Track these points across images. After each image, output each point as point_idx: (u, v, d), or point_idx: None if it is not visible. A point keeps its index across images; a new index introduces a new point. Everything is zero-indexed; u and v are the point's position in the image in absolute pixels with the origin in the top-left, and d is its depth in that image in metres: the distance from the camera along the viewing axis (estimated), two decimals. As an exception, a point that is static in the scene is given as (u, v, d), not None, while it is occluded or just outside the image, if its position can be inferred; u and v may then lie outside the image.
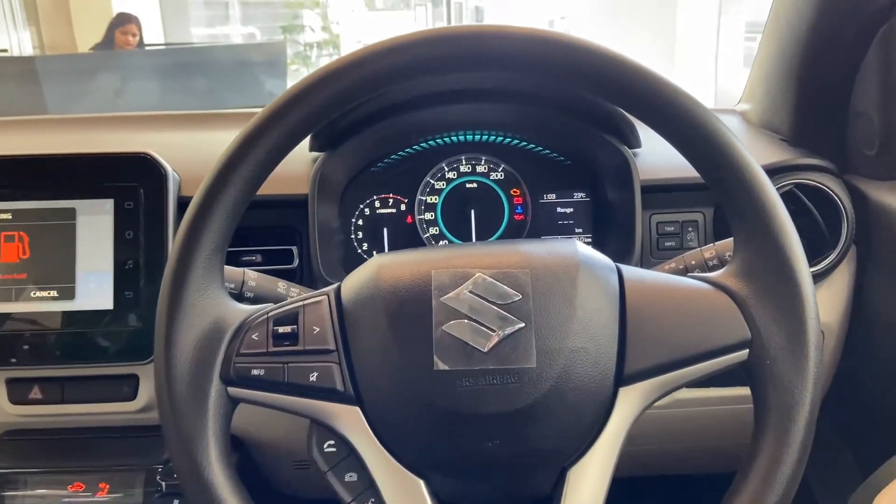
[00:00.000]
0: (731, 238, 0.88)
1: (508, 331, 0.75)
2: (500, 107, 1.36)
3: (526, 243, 0.86)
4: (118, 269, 1.17)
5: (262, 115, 0.75)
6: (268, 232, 1.35)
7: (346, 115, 1.28)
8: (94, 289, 1.19)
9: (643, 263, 1.32)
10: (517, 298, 0.76)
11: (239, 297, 1.00)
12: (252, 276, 1.02)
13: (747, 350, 0.76)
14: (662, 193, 1.36)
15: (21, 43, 7.58)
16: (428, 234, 1.49)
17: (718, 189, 0.80)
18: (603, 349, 0.75)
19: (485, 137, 1.47)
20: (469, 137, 1.47)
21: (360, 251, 1.47)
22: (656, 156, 1.40)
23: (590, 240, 1.50)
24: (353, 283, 0.82)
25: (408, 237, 1.47)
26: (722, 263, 1.01)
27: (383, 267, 0.81)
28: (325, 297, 0.81)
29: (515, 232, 1.48)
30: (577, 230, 1.52)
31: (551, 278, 0.77)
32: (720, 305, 0.77)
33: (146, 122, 1.86)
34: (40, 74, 4.77)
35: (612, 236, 1.43)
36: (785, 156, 1.34)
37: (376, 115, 1.32)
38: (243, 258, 1.35)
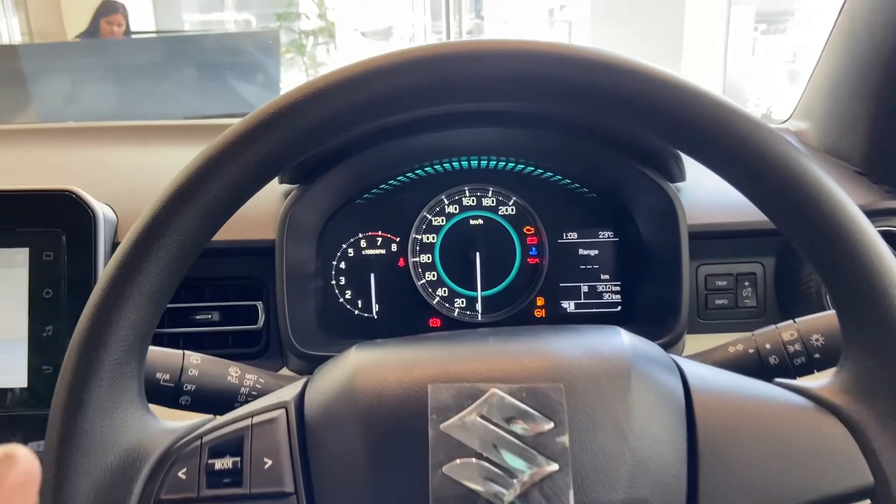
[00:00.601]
0: (819, 315, 0.78)
1: (536, 476, 0.56)
2: (513, 131, 1.20)
3: (555, 336, 0.69)
4: (34, 337, 0.97)
5: (214, 149, 0.60)
6: (228, 284, 1.19)
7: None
8: (4, 361, 0.98)
9: (689, 327, 1.15)
10: (548, 427, 0.58)
11: (176, 391, 0.83)
12: (194, 362, 0.83)
13: (868, 502, 0.58)
14: (712, 240, 1.17)
15: (10, 29, 7.29)
16: (423, 281, 1.35)
17: (814, 257, 0.61)
18: (667, 498, 0.58)
19: (492, 164, 1.31)
20: (474, 164, 1.31)
21: (341, 300, 1.33)
22: (702, 191, 1.22)
23: (618, 287, 1.36)
24: (322, 390, 0.65)
25: (400, 284, 1.34)
26: (808, 353, 0.83)
27: (362, 370, 0.64)
28: (282, 411, 0.63)
29: (529, 278, 1.35)
30: (602, 276, 1.36)
31: (594, 395, 0.60)
32: (828, 435, 0.60)
33: (93, 134, 1.60)
34: (21, 63, 4.42)
35: (648, 287, 1.28)
36: (868, 195, 1.07)
37: (361, 140, 1.16)
38: (196, 315, 1.19)
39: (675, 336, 1.11)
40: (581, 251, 1.34)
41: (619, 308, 1.32)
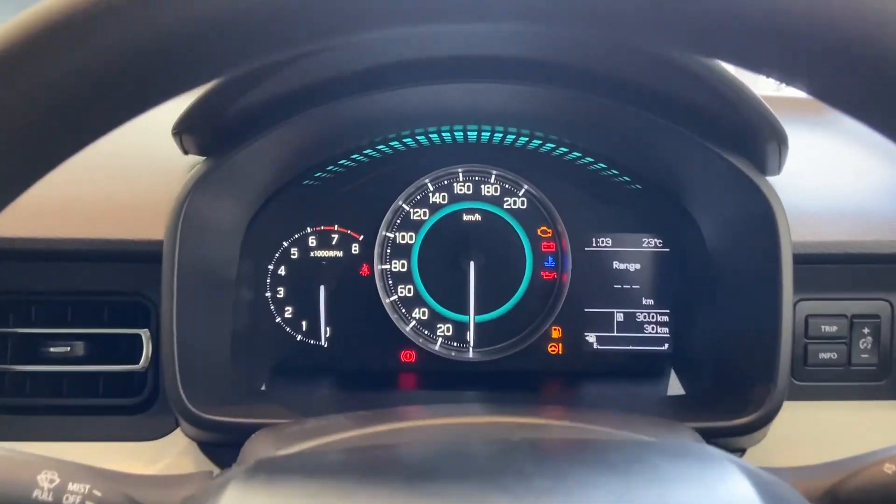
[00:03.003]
0: None
1: None
2: (528, 89, 0.90)
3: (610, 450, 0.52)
4: None
5: None
6: (100, 302, 0.94)
7: (245, 91, 0.84)
8: None
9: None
10: None
11: None
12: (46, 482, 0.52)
13: None
14: (818, 265, 0.91)
15: None
16: (395, 297, 1.12)
17: None
18: None
19: (497, 137, 1.07)
20: (471, 136, 1.07)
21: (278, 320, 1.10)
22: (802, 194, 0.95)
23: (666, 317, 1.09)
24: None
25: (361, 300, 1.11)
26: None
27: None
28: None
29: (542, 299, 1.11)
30: (644, 301, 1.09)
31: None
32: None
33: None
34: None
35: (714, 322, 0.99)
36: None
37: (308, 92, 0.88)
38: (51, 347, 0.91)
39: (765, 413, 0.82)
40: (616, 264, 1.09)
41: (667, 347, 1.09)
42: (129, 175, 0.96)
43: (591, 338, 1.08)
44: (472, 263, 1.07)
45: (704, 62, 0.76)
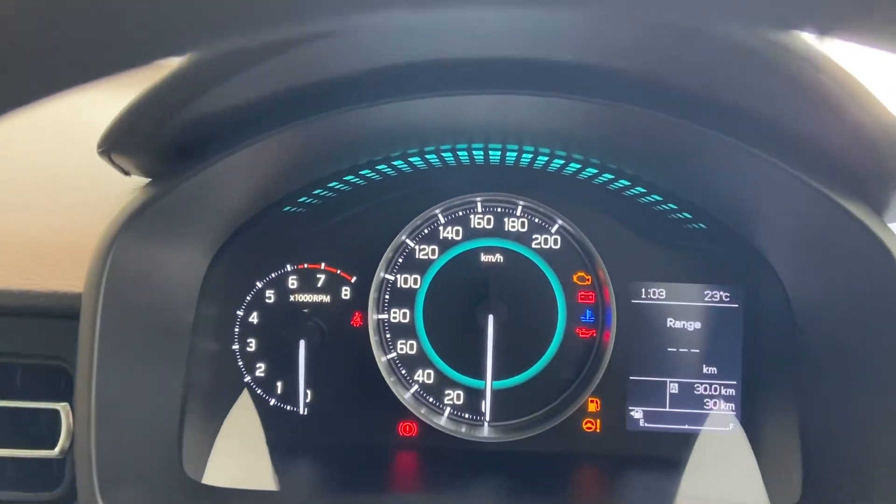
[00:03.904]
0: None
1: None
2: (566, 102, 0.72)
3: None
4: None
5: None
6: (10, 366, 0.76)
7: (208, 92, 0.64)
8: None
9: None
10: None
11: None
12: None
13: None
14: None
15: None
16: (392, 356, 0.96)
17: None
18: None
19: (525, 159, 0.91)
20: (493, 157, 0.91)
21: (247, 380, 0.93)
22: None
23: (732, 391, 0.90)
24: None
25: (351, 357, 0.95)
26: None
27: None
28: None
29: (577, 362, 0.94)
30: (705, 370, 0.91)
31: None
32: None
33: None
34: None
35: (797, 403, 0.81)
36: None
37: (292, 99, 0.70)
38: None
39: None
40: (671, 322, 0.92)
41: (732, 428, 0.90)
42: (61, 208, 0.80)
43: (636, 413, 0.91)
44: (490, 316, 0.89)
45: (837, 77, 0.56)
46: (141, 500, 0.66)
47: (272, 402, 0.90)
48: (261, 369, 0.91)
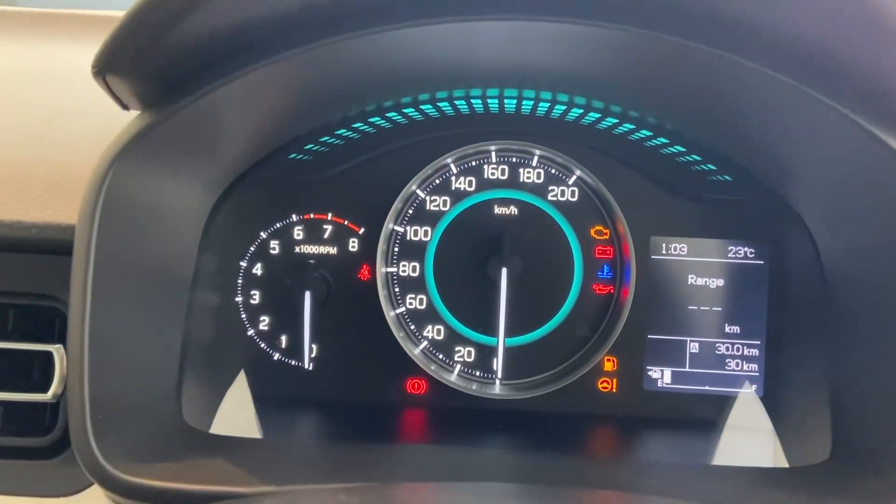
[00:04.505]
0: None
1: None
2: (584, 30, 0.67)
3: None
4: None
5: None
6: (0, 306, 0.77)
7: (207, 10, 0.61)
8: None
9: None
10: None
11: None
12: None
13: None
14: None
15: None
16: (401, 310, 0.93)
17: None
18: None
19: (542, 107, 0.86)
20: (508, 104, 0.85)
21: (250, 333, 0.91)
22: None
23: (756, 350, 0.87)
24: None
25: (359, 311, 0.92)
26: None
27: None
28: None
29: (594, 319, 0.91)
30: (728, 329, 0.88)
31: None
32: None
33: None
34: None
35: (827, 364, 0.77)
36: None
37: (298, 21, 0.65)
38: None
39: None
40: (693, 279, 0.89)
41: (755, 389, 0.87)
42: (55, 137, 0.76)
43: (654, 373, 0.88)
44: (504, 270, 0.86)
45: None
46: (136, 445, 0.64)
47: (276, 356, 0.88)
48: (264, 322, 0.89)
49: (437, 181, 0.90)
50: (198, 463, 0.67)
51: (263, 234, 0.88)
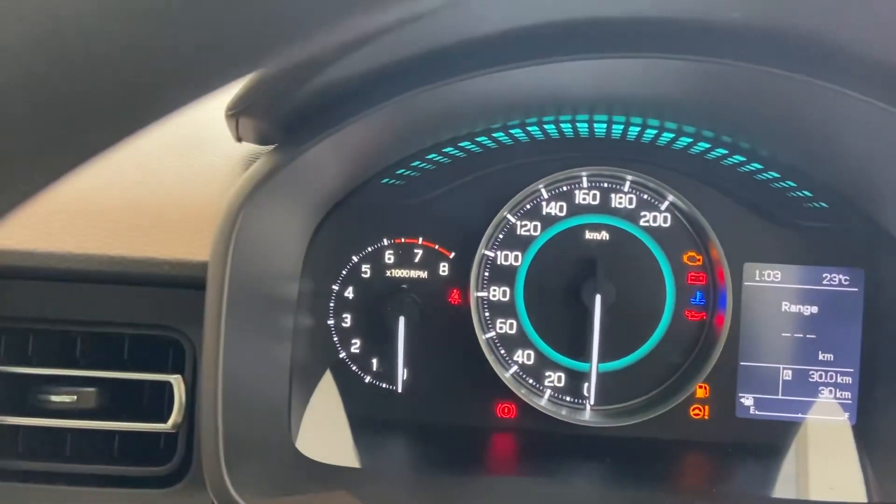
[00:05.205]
0: None
1: None
2: (677, 64, 0.68)
3: None
4: None
5: None
6: (118, 336, 0.76)
7: (325, 67, 0.63)
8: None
9: None
10: None
11: None
12: None
13: None
14: None
15: None
16: (492, 335, 0.94)
17: None
18: None
19: (632, 132, 0.88)
20: (599, 130, 0.89)
21: (342, 356, 0.91)
22: None
23: (850, 378, 0.86)
24: None
25: (450, 335, 0.92)
26: None
27: None
28: None
29: (686, 346, 0.90)
30: (821, 356, 0.87)
31: None
32: None
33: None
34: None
35: None
36: None
37: (398, 72, 0.68)
38: (51, 394, 0.74)
39: None
40: (787, 306, 0.89)
41: (848, 417, 0.87)
42: (166, 177, 0.79)
43: (747, 400, 0.88)
44: (598, 298, 0.86)
45: None
46: (261, 477, 0.65)
47: (367, 379, 0.89)
48: (355, 346, 0.90)
49: (528, 206, 0.90)
50: (311, 498, 0.68)
51: (355, 258, 0.89)
